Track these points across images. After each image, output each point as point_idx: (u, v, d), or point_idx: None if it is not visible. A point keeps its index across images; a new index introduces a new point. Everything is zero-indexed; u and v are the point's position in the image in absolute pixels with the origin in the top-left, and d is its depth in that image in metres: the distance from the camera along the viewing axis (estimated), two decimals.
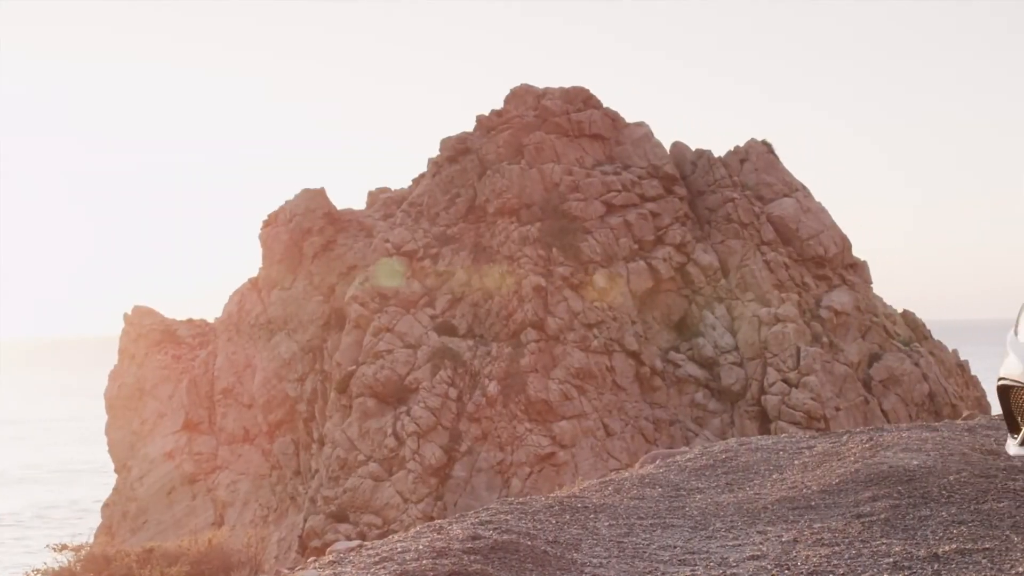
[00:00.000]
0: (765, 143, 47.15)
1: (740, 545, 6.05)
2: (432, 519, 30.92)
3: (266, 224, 49.49)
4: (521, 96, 46.62)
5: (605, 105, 46.62)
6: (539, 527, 6.39)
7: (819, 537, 6.04)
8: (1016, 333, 6.66)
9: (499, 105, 47.01)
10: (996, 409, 7.43)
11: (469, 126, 47.11)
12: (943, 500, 6.75)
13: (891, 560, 5.46)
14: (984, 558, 5.40)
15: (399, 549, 5.69)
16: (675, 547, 6.08)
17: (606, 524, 6.66)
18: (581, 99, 46.24)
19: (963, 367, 46.01)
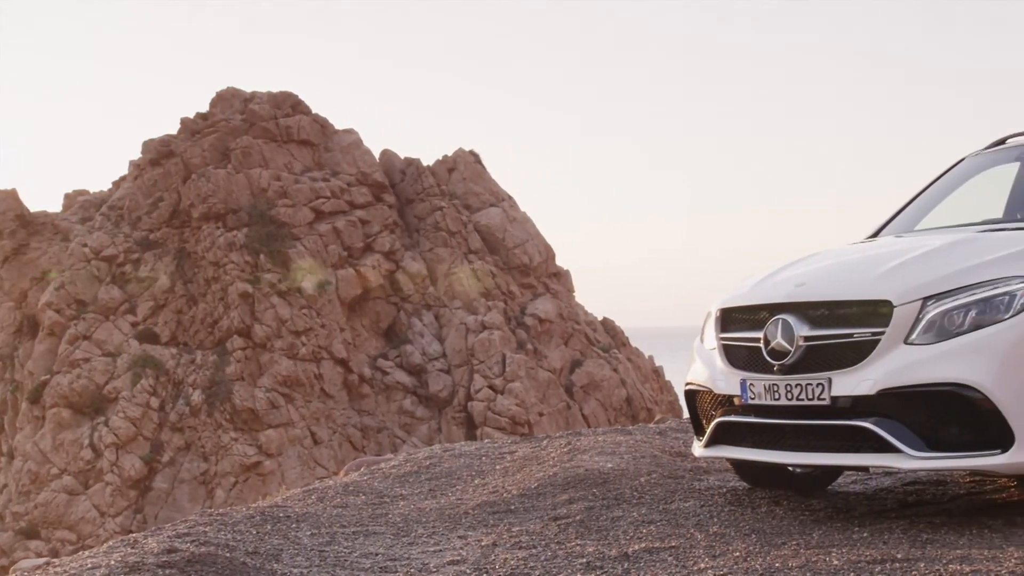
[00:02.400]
0: (472, 153, 47.94)
1: (441, 551, 6.11)
2: (131, 533, 29.82)
3: None
4: (227, 99, 45.72)
5: (314, 111, 46.30)
6: (239, 538, 6.27)
7: (517, 540, 6.17)
8: (702, 340, 7.00)
9: (205, 108, 45.96)
10: (686, 412, 7.81)
11: (173, 129, 45.86)
12: (634, 501, 7.01)
13: (584, 560, 5.64)
14: (670, 556, 5.64)
15: (89, 565, 5.46)
16: (377, 554, 6.09)
17: (308, 533, 6.60)
18: (289, 104, 45.76)
19: (658, 372, 48.06)
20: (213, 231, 42.54)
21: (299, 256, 41.70)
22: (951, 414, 5.70)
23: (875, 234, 7.82)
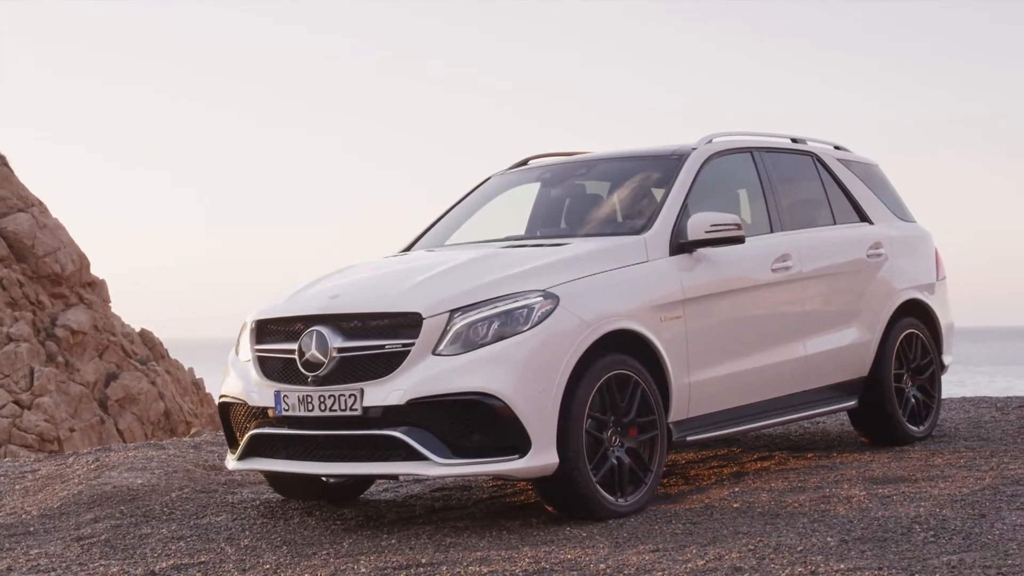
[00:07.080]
0: None
1: None
2: None
3: None
4: None
5: None
6: None
7: (35, 564, 5.88)
8: (237, 353, 6.96)
9: None
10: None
11: None
12: (164, 517, 6.86)
13: None
14: (199, 571, 5.56)
15: None
16: None
17: None
18: None
19: (198, 385, 47.17)
20: None
21: None
22: (475, 422, 5.97)
23: (408, 248, 8.08)
